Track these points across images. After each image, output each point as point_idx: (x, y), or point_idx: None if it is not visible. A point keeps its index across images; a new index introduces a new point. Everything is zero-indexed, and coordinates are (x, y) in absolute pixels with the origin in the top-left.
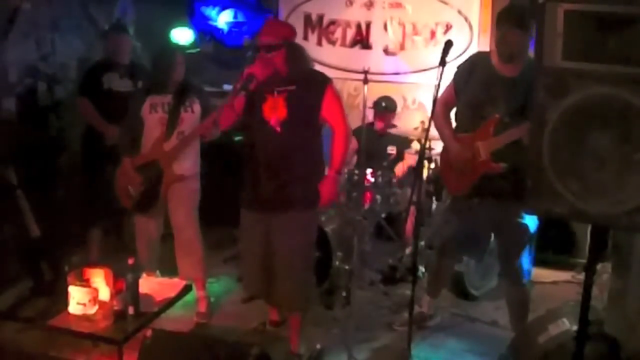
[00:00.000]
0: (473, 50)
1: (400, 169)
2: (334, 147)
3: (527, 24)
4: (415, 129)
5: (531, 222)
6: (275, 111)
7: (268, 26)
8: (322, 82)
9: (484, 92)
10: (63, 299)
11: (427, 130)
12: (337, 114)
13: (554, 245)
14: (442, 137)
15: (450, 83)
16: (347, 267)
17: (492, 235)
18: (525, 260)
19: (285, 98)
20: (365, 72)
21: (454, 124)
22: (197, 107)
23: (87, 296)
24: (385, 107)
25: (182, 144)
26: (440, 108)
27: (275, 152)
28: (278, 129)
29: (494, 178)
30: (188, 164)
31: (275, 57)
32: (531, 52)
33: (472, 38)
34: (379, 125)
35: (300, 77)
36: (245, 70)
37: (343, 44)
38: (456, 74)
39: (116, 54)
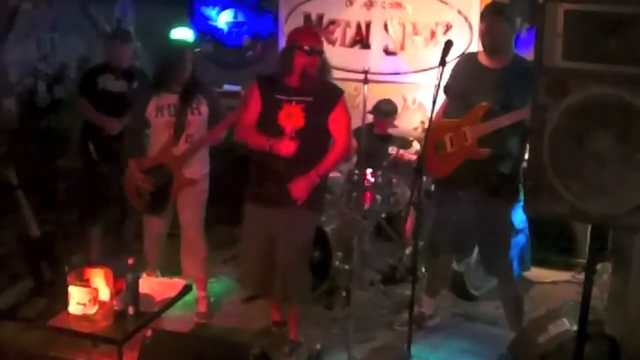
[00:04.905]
0: (473, 50)
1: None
2: (329, 153)
3: (509, 16)
4: (415, 129)
5: (519, 218)
6: (291, 119)
7: (313, 32)
8: (336, 96)
9: (469, 83)
10: (63, 299)
11: (428, 130)
12: (342, 127)
13: (554, 245)
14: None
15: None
16: (347, 267)
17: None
18: (514, 254)
19: (302, 108)
20: (365, 72)
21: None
22: (204, 108)
23: (87, 296)
24: (385, 112)
25: (191, 150)
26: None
27: (288, 158)
28: (293, 136)
29: (478, 167)
30: (197, 166)
31: (313, 61)
32: (531, 53)
33: (472, 38)
34: (378, 129)
35: (316, 88)
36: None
37: (343, 44)
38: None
39: (116, 60)
